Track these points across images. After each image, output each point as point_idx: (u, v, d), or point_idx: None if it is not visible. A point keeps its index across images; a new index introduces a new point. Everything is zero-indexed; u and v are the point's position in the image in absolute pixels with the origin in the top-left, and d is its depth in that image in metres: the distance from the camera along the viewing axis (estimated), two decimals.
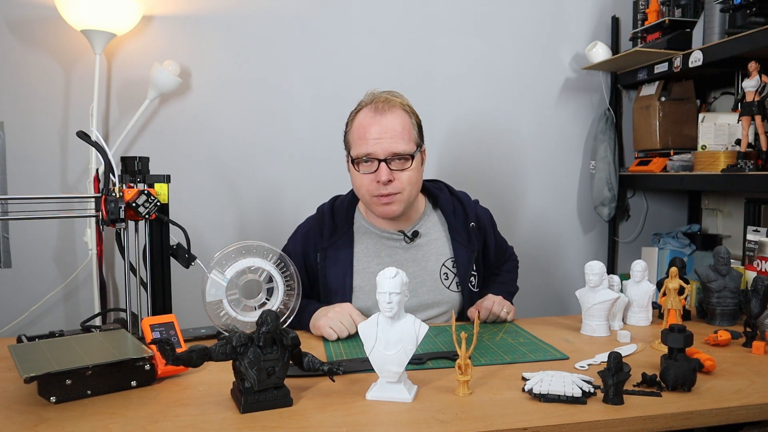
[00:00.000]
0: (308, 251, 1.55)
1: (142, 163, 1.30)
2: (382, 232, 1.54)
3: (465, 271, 1.53)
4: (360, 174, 1.45)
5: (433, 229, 1.57)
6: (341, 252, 1.51)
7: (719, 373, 1.11)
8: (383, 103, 1.44)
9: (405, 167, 1.44)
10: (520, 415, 0.92)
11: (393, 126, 1.42)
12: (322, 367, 1.00)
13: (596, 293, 1.37)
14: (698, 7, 2.10)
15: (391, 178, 1.41)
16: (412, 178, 1.45)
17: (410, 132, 1.45)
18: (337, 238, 1.52)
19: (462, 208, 1.59)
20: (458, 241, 1.54)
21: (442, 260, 1.54)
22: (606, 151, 2.39)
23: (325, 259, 1.51)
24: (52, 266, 2.13)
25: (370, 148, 1.41)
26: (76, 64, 2.09)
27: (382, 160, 1.41)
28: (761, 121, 1.79)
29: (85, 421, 0.90)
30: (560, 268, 2.48)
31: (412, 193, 1.48)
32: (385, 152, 1.41)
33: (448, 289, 1.53)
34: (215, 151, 2.21)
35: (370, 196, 1.46)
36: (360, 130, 1.44)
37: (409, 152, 1.43)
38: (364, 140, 1.42)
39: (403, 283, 0.98)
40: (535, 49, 2.41)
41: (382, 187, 1.42)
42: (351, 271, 1.49)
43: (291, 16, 2.22)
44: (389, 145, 1.41)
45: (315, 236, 1.55)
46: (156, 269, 1.31)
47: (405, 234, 1.53)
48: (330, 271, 1.50)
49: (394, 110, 1.44)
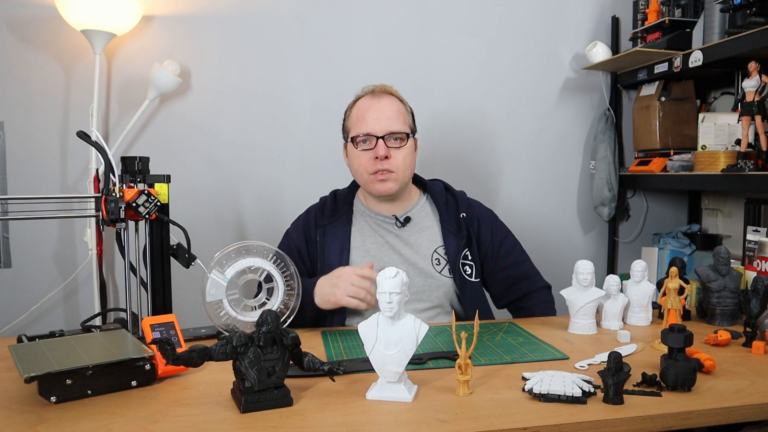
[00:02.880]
0: (308, 229, 1.63)
1: (142, 163, 1.30)
2: (377, 215, 1.63)
3: (455, 258, 1.58)
4: (358, 152, 1.54)
5: (425, 217, 1.64)
6: (339, 229, 1.60)
7: (719, 373, 1.11)
8: (380, 91, 1.58)
9: (401, 146, 1.54)
10: (520, 415, 0.92)
11: (390, 108, 1.55)
12: (322, 367, 1.00)
13: (586, 292, 1.38)
14: (698, 7, 2.10)
15: (387, 154, 1.51)
16: (406, 159, 1.55)
17: (405, 116, 1.58)
18: (336, 217, 1.62)
19: (454, 201, 1.66)
20: (448, 229, 1.61)
21: (434, 247, 1.60)
22: (606, 151, 2.39)
23: (324, 235, 1.60)
24: (52, 266, 2.13)
25: (369, 127, 1.52)
26: (76, 64, 2.09)
27: (380, 137, 1.51)
28: (761, 121, 1.79)
29: (85, 421, 0.90)
30: (560, 268, 2.47)
31: (406, 174, 1.57)
32: (383, 130, 1.52)
33: (439, 274, 1.58)
34: (215, 150, 2.21)
35: (368, 174, 1.54)
36: (359, 112, 1.56)
37: (405, 131, 1.55)
38: (363, 121, 1.54)
39: (404, 283, 0.99)
40: (535, 49, 2.41)
41: (379, 163, 1.52)
42: (348, 246, 1.58)
43: (291, 16, 2.22)
44: (386, 124, 1.52)
45: (316, 216, 1.64)
46: (156, 269, 1.31)
47: (397, 218, 1.60)
48: (328, 246, 1.59)
49: (390, 97, 1.58)
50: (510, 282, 1.66)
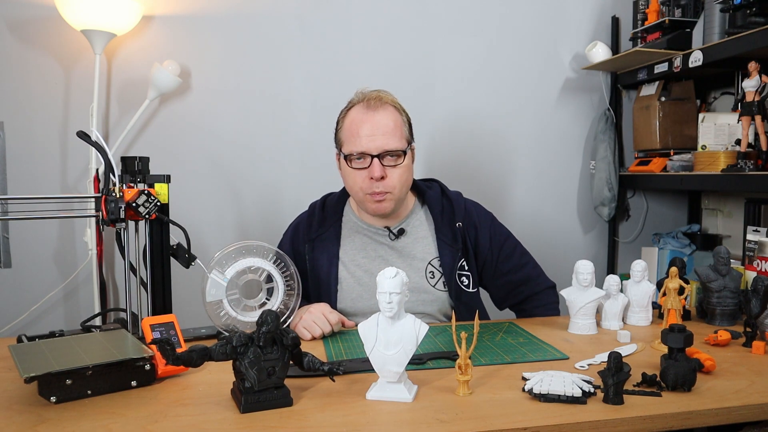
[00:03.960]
0: (297, 244, 1.59)
1: (142, 163, 1.30)
2: (368, 227, 1.57)
3: (450, 271, 1.53)
4: (352, 170, 1.47)
5: (419, 227, 1.58)
6: (328, 244, 1.55)
7: (719, 373, 1.11)
8: (375, 101, 1.46)
9: (397, 163, 1.46)
10: (520, 415, 0.92)
11: (385, 123, 1.44)
12: (322, 367, 1.00)
13: (586, 292, 1.38)
14: (698, 7, 2.10)
15: (383, 174, 1.44)
16: (402, 176, 1.47)
17: (401, 129, 1.48)
18: (324, 230, 1.56)
19: (451, 207, 1.58)
20: (443, 240, 1.54)
21: (428, 259, 1.55)
22: (606, 151, 2.39)
23: (312, 250, 1.55)
24: (52, 266, 2.13)
25: (363, 146, 1.43)
26: (76, 64, 2.09)
27: (375, 156, 1.43)
28: (761, 121, 1.79)
29: (85, 421, 0.90)
30: (560, 268, 2.47)
31: (403, 191, 1.50)
32: (378, 149, 1.43)
33: (434, 288, 1.53)
34: (215, 150, 2.21)
35: (363, 194, 1.48)
36: (352, 127, 1.46)
37: (401, 149, 1.46)
38: (356, 137, 1.44)
39: (403, 283, 0.99)
40: (535, 49, 2.41)
41: (374, 184, 1.44)
42: (337, 262, 1.53)
43: (291, 16, 2.22)
44: (382, 142, 1.43)
45: (304, 229, 1.59)
46: (156, 269, 1.31)
47: (390, 230, 1.55)
48: (317, 262, 1.54)
49: (386, 107, 1.47)
50: (511, 286, 1.63)
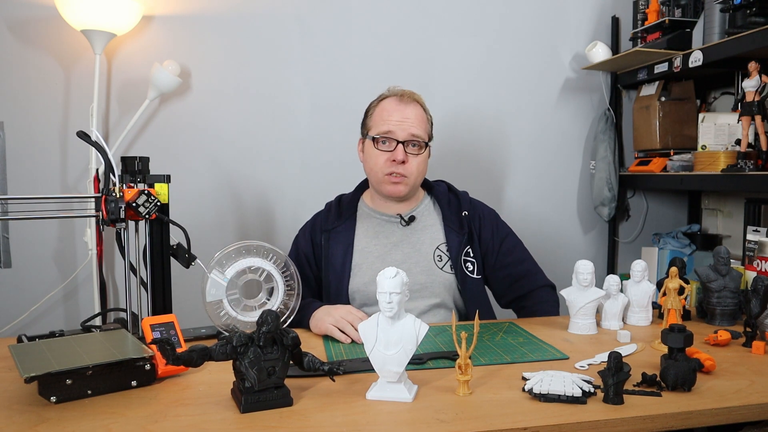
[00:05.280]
0: (315, 235, 1.67)
1: (142, 163, 1.30)
2: (381, 215, 1.66)
3: (457, 254, 1.61)
4: (377, 152, 1.58)
5: (428, 216, 1.68)
6: (343, 233, 1.64)
7: (719, 373, 1.11)
8: (407, 96, 1.61)
9: (418, 153, 1.58)
10: (520, 415, 0.92)
11: (414, 114, 1.59)
12: (322, 367, 1.00)
13: (586, 292, 1.38)
14: (698, 7, 2.10)
15: (405, 159, 1.56)
16: (420, 166, 1.60)
17: (426, 125, 1.63)
18: (341, 222, 1.66)
19: (457, 200, 1.69)
20: (450, 227, 1.64)
21: (436, 244, 1.63)
22: (606, 151, 2.39)
23: (329, 239, 1.64)
24: (52, 266, 2.13)
25: (392, 128, 1.56)
26: (76, 64, 2.09)
27: (401, 142, 1.56)
28: (761, 121, 1.79)
29: (85, 421, 0.90)
30: (560, 268, 2.47)
31: (418, 180, 1.63)
32: (406, 135, 1.56)
33: (441, 270, 1.60)
34: (215, 150, 2.21)
35: (383, 174, 1.58)
36: (384, 113, 1.59)
37: (424, 140, 1.60)
38: (387, 121, 1.57)
39: (404, 283, 0.99)
40: (535, 49, 2.41)
41: (395, 165, 1.56)
42: (351, 250, 1.62)
43: (291, 17, 2.22)
44: (410, 128, 1.57)
45: (322, 222, 1.68)
46: (156, 269, 1.31)
47: (402, 217, 1.63)
48: (332, 250, 1.63)
49: (416, 104, 1.62)
50: (511, 280, 1.68)
